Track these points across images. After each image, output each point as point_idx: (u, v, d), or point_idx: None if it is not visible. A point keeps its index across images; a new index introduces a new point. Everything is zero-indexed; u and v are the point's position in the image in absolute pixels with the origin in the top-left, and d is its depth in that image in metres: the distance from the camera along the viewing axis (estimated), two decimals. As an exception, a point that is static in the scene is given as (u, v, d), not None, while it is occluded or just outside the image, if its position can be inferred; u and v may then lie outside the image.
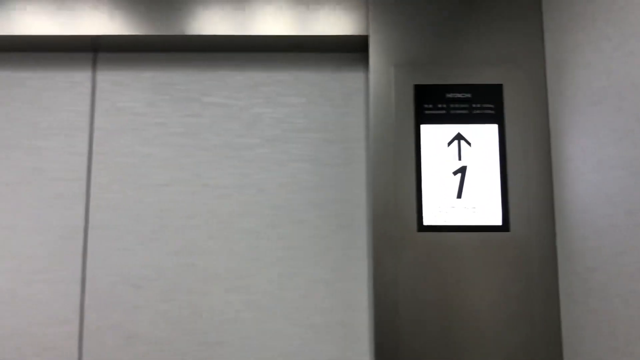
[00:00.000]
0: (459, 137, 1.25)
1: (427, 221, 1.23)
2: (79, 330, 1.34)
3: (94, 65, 1.44)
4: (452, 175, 1.23)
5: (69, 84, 1.43)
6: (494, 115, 1.25)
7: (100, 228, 1.38)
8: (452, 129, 1.25)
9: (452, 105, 1.27)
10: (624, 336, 0.95)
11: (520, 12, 1.30)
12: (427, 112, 1.26)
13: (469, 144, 1.25)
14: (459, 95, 1.27)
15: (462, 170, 1.24)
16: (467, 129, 1.25)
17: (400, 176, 1.26)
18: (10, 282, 1.35)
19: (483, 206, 1.23)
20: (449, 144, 1.25)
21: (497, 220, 1.23)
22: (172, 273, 1.37)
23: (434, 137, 1.24)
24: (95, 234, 1.38)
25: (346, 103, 1.41)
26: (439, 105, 1.27)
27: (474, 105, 1.26)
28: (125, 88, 1.43)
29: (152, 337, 1.33)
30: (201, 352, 1.31)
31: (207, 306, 1.34)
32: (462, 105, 1.26)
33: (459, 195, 1.24)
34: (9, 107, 1.41)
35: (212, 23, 1.33)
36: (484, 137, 1.24)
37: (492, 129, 1.24)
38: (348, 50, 1.41)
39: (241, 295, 1.35)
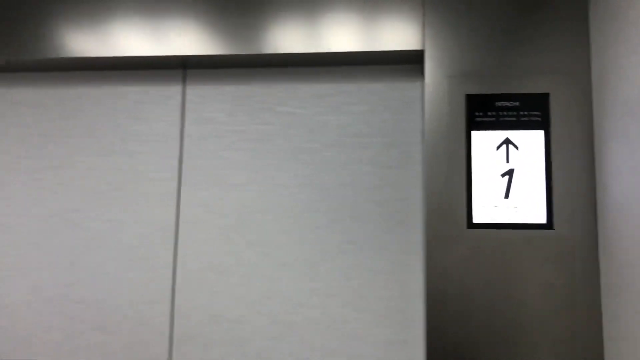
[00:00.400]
0: (507, 141, 1.30)
1: (476, 219, 1.28)
2: (170, 309, 1.46)
3: (184, 81, 1.55)
4: (500, 177, 1.28)
5: (162, 97, 1.55)
6: (540, 122, 1.29)
7: (189, 222, 1.49)
8: (501, 135, 1.30)
9: (501, 113, 1.31)
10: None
11: (567, 24, 1.32)
12: (477, 119, 1.31)
13: (517, 147, 1.29)
14: (508, 104, 1.31)
15: (510, 173, 1.28)
16: (514, 135, 1.29)
17: (452, 177, 1.30)
18: (113, 268, 1.49)
19: (528, 206, 1.27)
20: (498, 147, 1.29)
21: (542, 219, 1.26)
22: (249, 261, 1.46)
23: (484, 142, 1.30)
24: (185, 227, 1.49)
25: (404, 110, 1.46)
26: (489, 113, 1.31)
27: (521, 113, 1.30)
28: (210, 100, 1.53)
29: (231, 317, 1.44)
30: (273, 331, 1.41)
31: (279, 291, 1.43)
32: (511, 113, 1.30)
33: (507, 196, 1.28)
34: (113, 118, 1.54)
35: (285, 42, 1.42)
36: (530, 142, 1.29)
37: (539, 135, 1.28)
38: (405, 63, 1.45)
39: (309, 282, 1.43)
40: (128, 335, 1.46)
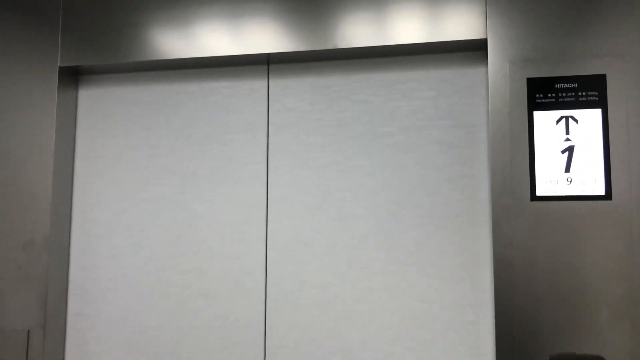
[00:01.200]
0: (567, 118, 1.37)
1: (539, 192, 1.36)
2: (264, 277, 1.59)
3: (268, 75, 1.66)
4: (561, 153, 1.36)
5: (250, 91, 1.66)
6: (597, 102, 1.35)
7: (277, 201, 1.61)
8: (561, 114, 1.37)
9: (560, 94, 1.38)
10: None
11: (622, 7, 1.36)
12: (538, 100, 1.38)
13: (576, 121, 1.36)
14: (566, 85, 1.38)
15: (570, 149, 1.36)
16: (573, 114, 1.36)
17: (515, 154, 1.38)
18: (213, 242, 1.63)
19: (588, 179, 1.34)
20: (557, 123, 1.37)
21: (601, 191, 1.32)
22: (332, 234, 1.56)
23: (545, 121, 1.38)
24: (274, 205, 1.61)
25: (469, 94, 1.53)
26: (549, 95, 1.38)
27: (580, 93, 1.37)
28: (292, 91, 1.63)
29: (316, 283, 1.56)
30: (354, 296, 1.53)
31: (358, 260, 1.54)
32: (569, 94, 1.37)
33: (567, 170, 1.36)
34: (207, 111, 1.67)
35: (357, 37, 1.51)
36: (588, 120, 1.35)
37: (596, 113, 1.35)
38: (470, 50, 1.52)
39: (385, 252, 1.53)
40: (228, 300, 1.61)
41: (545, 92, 1.39)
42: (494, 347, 1.39)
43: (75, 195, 1.75)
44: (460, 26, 1.47)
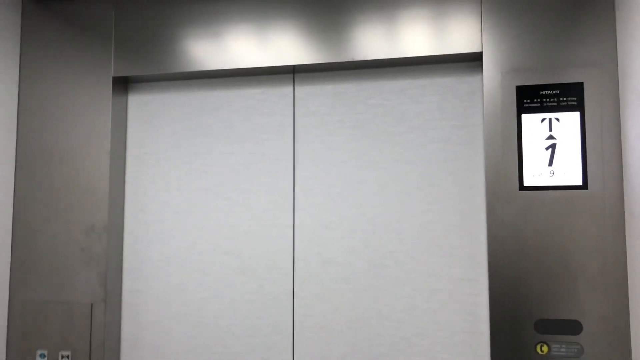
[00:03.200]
0: (550, 120, 1.46)
1: (526, 183, 1.47)
2: (292, 256, 1.72)
3: (294, 83, 1.76)
4: (545, 150, 1.46)
5: (278, 96, 1.77)
6: (576, 106, 1.45)
7: (303, 191, 1.72)
8: (545, 117, 1.47)
9: (544, 99, 1.48)
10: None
11: (596, 25, 1.47)
12: (526, 104, 1.48)
13: (558, 122, 1.45)
14: (550, 92, 1.48)
15: (552, 146, 1.46)
16: (556, 116, 1.46)
17: (506, 151, 1.48)
18: (248, 226, 1.75)
19: (568, 171, 1.45)
20: (542, 120, 1.47)
21: (579, 181, 1.44)
22: (351, 220, 1.68)
23: (531, 122, 1.47)
24: (300, 195, 1.73)
25: (468, 99, 1.63)
26: (535, 100, 1.48)
27: (561, 99, 1.47)
28: (315, 97, 1.74)
29: (338, 261, 1.67)
30: (371, 272, 1.66)
31: (374, 241, 1.66)
32: (552, 99, 1.47)
33: (550, 164, 1.46)
34: (242, 113, 1.79)
35: (372, 50, 1.61)
36: (569, 121, 1.45)
37: (575, 116, 1.45)
38: (468, 61, 1.62)
39: (397, 235, 1.64)
40: (262, 276, 1.74)
41: (532, 98, 1.49)
42: (489, 315, 1.50)
43: (127, 188, 1.89)
44: (459, 41, 1.57)
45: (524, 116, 1.50)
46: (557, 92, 1.49)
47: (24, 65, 1.91)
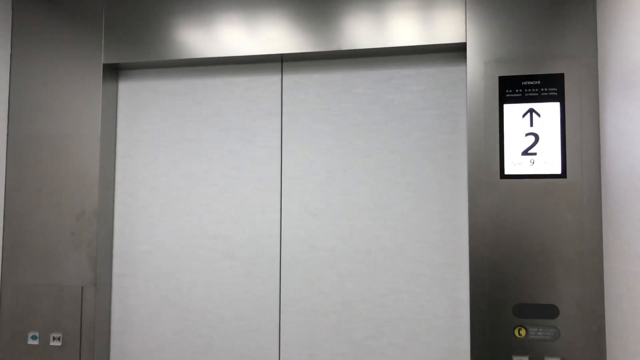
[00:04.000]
0: (531, 110, 1.52)
1: (507, 171, 1.51)
2: (279, 241, 1.77)
3: (282, 72, 1.80)
4: (525, 138, 1.51)
5: (266, 84, 1.81)
6: (556, 96, 1.50)
7: (289, 178, 1.77)
8: (526, 107, 1.52)
9: (526, 90, 1.52)
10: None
11: (577, 17, 1.51)
12: (507, 95, 1.53)
13: (539, 115, 1.51)
14: (531, 82, 1.52)
15: (533, 135, 1.51)
16: (536, 106, 1.52)
17: (488, 140, 1.52)
18: (236, 212, 1.80)
19: (547, 160, 1.49)
20: (523, 115, 1.52)
21: (558, 170, 1.48)
22: (335, 207, 1.72)
23: (513, 112, 1.53)
24: (287, 182, 1.77)
25: (452, 89, 1.67)
26: (517, 90, 1.52)
27: (542, 89, 1.51)
28: (302, 85, 1.78)
29: (324, 246, 1.73)
30: (356, 257, 1.71)
31: (359, 227, 1.71)
32: (534, 90, 1.52)
33: (530, 153, 1.51)
34: (230, 101, 1.83)
35: (358, 40, 1.65)
36: (549, 111, 1.50)
37: (555, 106, 1.50)
38: (452, 51, 1.66)
39: (381, 222, 1.69)
40: (249, 261, 1.79)
41: (514, 88, 1.54)
42: (469, 299, 1.55)
43: (117, 173, 1.93)
44: (444, 31, 1.61)
45: (505, 106, 1.54)
46: (538, 82, 1.53)
47: (15, 53, 1.93)
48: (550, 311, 1.49)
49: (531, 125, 1.53)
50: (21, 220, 1.89)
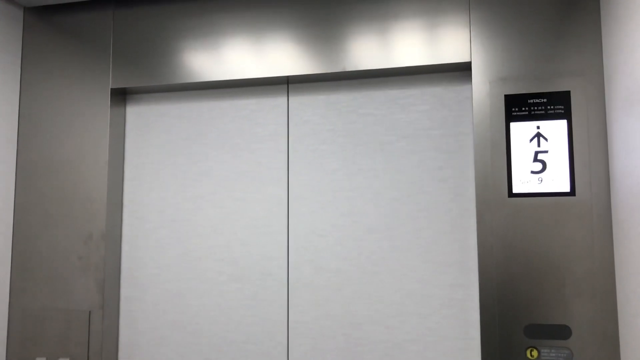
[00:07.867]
0: (538, 135, 1.50)
1: (515, 190, 1.48)
2: (287, 264, 1.74)
3: (288, 93, 1.78)
4: (533, 157, 1.48)
5: (272, 106, 1.79)
6: (563, 114, 1.47)
7: (296, 199, 1.74)
8: (533, 125, 1.50)
9: (532, 108, 1.49)
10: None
11: (583, 35, 1.49)
12: (514, 113, 1.50)
13: (546, 139, 1.50)
14: (538, 100, 1.49)
15: (541, 152, 1.49)
16: (543, 124, 1.50)
17: (495, 158, 1.49)
18: (242, 234, 1.78)
19: (556, 178, 1.46)
20: (531, 135, 1.50)
21: (566, 188, 1.45)
22: (342, 227, 1.70)
23: (520, 130, 1.50)
24: (294, 203, 1.74)
25: (458, 108, 1.65)
26: (523, 108, 1.50)
27: (548, 107, 1.48)
28: (308, 106, 1.76)
29: (330, 268, 1.70)
30: (362, 278, 1.68)
31: (366, 248, 1.68)
32: (540, 107, 1.49)
33: (538, 171, 1.48)
34: (237, 123, 1.81)
35: (363, 61, 1.63)
36: (556, 129, 1.47)
37: (562, 124, 1.47)
38: (457, 70, 1.64)
39: (388, 241, 1.66)
40: (256, 284, 1.76)
41: (520, 106, 1.52)
42: (480, 320, 1.51)
43: (125, 197, 1.92)
44: (449, 51, 1.59)
45: (512, 124, 1.52)
46: (545, 100, 1.51)
47: (24, 77, 1.95)
48: (562, 331, 1.45)
49: (538, 143, 1.51)
50: (30, 243, 1.89)
